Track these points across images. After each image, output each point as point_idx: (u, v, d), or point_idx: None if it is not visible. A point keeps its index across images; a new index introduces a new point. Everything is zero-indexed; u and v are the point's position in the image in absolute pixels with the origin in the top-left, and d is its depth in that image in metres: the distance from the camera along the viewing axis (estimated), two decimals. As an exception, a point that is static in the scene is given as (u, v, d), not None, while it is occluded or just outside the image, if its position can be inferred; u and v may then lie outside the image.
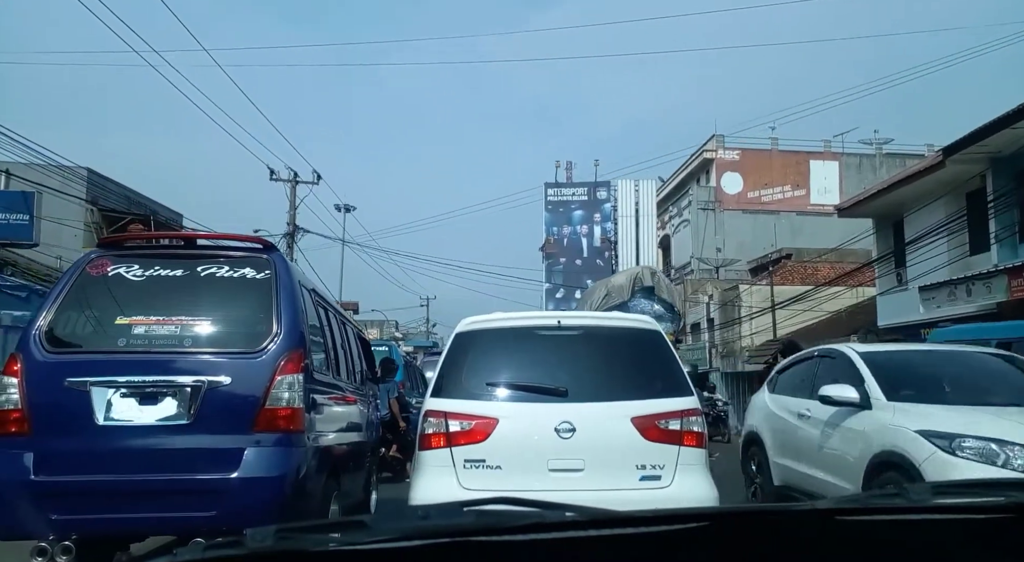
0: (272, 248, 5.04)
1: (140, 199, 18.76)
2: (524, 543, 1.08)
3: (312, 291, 5.56)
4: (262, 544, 1.07)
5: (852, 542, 1.19)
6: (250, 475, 4.31)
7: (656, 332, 4.92)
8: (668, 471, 4.35)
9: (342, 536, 1.10)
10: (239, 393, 4.43)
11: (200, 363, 4.48)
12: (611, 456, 4.38)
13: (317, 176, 23.42)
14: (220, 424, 4.38)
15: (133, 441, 4.34)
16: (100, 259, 4.83)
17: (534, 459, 4.35)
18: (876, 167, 36.40)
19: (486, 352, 4.78)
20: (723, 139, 37.35)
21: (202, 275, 4.79)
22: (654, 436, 4.37)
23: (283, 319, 4.64)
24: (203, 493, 4.29)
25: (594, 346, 4.86)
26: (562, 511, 1.24)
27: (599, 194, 40.20)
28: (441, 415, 4.46)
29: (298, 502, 4.49)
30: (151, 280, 4.75)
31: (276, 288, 4.73)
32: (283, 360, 4.51)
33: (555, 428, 4.33)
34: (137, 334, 4.54)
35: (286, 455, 4.44)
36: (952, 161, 14.76)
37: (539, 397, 4.48)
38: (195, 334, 4.58)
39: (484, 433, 4.39)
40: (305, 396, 4.58)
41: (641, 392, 4.59)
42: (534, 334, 4.87)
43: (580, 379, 4.61)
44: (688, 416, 4.46)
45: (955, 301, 15.13)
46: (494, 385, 4.60)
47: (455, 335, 4.90)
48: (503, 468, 4.34)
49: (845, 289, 24.81)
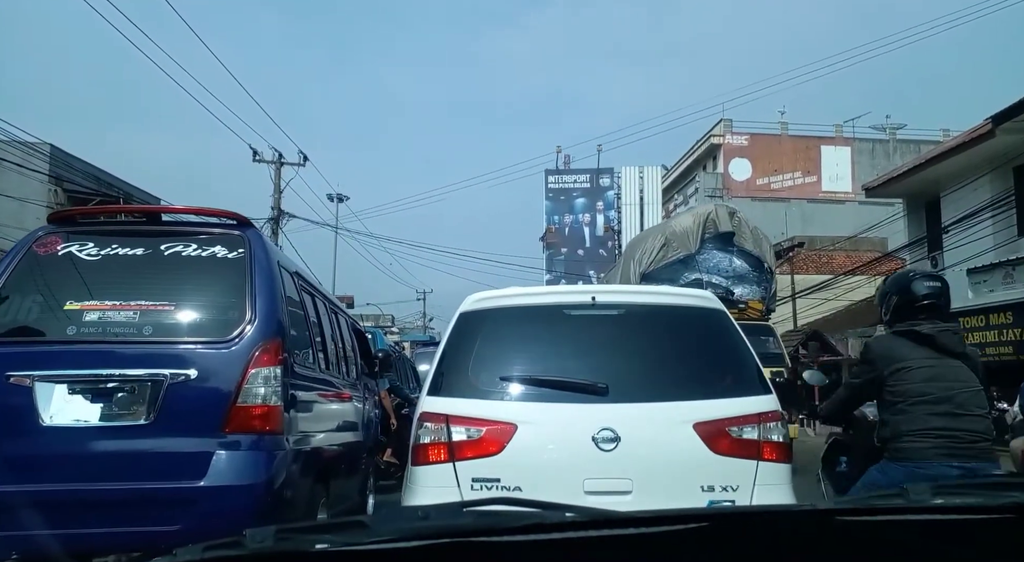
0: (247, 224, 4.46)
1: (111, 180, 17.91)
2: (524, 543, 1.09)
3: (295, 274, 4.99)
4: (262, 544, 1.08)
5: (852, 542, 1.20)
6: (219, 483, 3.83)
7: (720, 311, 3.93)
8: (743, 494, 3.40)
9: (342, 536, 1.11)
10: (207, 388, 3.94)
11: (162, 354, 3.97)
12: (668, 475, 3.46)
13: (304, 157, 22.54)
14: (185, 424, 3.89)
15: (84, 444, 3.85)
16: (49, 236, 4.27)
17: (565, 479, 3.39)
18: (890, 153, 35.76)
19: (500, 337, 3.81)
20: (731, 123, 36.68)
21: (166, 254, 4.25)
22: (724, 448, 3.44)
23: (258, 304, 4.10)
24: (165, 504, 3.81)
25: (640, 330, 3.90)
26: (562, 511, 1.24)
27: (602, 181, 39.42)
28: (441, 419, 3.48)
29: (276, 512, 3.98)
30: (108, 260, 4.21)
31: (251, 269, 4.19)
32: (258, 350, 3.99)
33: (592, 437, 3.38)
34: (90, 321, 4.01)
35: (261, 459, 3.96)
36: (1003, 130, 13.90)
37: (570, 396, 3.53)
38: (157, 321, 4.04)
39: (498, 444, 3.43)
40: (284, 392, 4.09)
41: (704, 390, 3.67)
42: (561, 314, 3.90)
43: (623, 373, 3.67)
44: (767, 421, 3.51)
45: (1012, 284, 14.14)
46: (510, 380, 3.63)
47: (459, 315, 3.88)
48: (523, 490, 3.36)
49: (864, 279, 24.11)
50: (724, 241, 12.73)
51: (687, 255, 12.47)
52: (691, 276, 12.40)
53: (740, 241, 12.77)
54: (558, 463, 3.48)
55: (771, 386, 3.70)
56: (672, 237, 12.73)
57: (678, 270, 12.56)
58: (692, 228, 12.64)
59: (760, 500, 3.38)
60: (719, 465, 3.42)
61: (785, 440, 3.57)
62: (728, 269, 12.75)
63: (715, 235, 12.65)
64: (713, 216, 12.86)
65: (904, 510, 1.27)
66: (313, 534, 1.14)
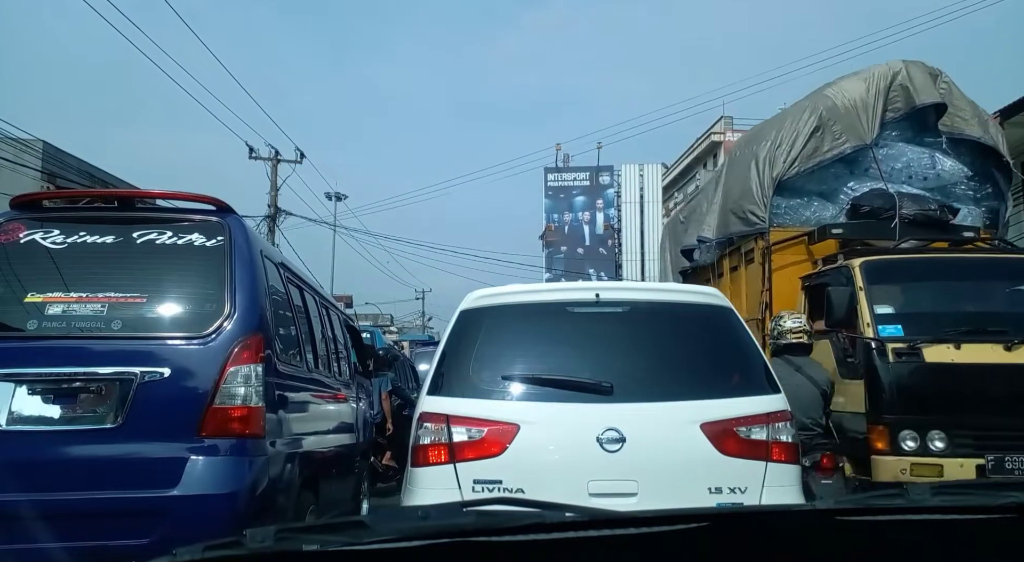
0: (227, 210, 4.12)
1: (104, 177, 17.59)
2: (524, 543, 1.09)
3: (280, 265, 4.66)
4: (262, 544, 1.08)
5: (852, 542, 1.20)
6: (194, 492, 3.53)
7: (727, 309, 3.88)
8: (752, 495, 3.37)
9: (342, 536, 1.10)
10: (181, 388, 3.64)
11: (132, 351, 3.66)
12: (675, 476, 3.41)
13: (300, 154, 22.35)
14: (156, 428, 3.59)
15: (45, 450, 3.54)
16: (12, 223, 3.94)
17: (569, 480, 3.36)
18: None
19: (501, 335, 3.76)
20: (731, 121, 36.31)
21: (139, 242, 3.92)
22: (733, 449, 3.41)
23: (238, 296, 3.79)
24: (135, 515, 3.50)
25: (646, 327, 3.86)
26: (562, 511, 1.24)
27: (602, 179, 39.05)
28: (441, 420, 3.44)
29: (258, 521, 3.62)
30: (75, 248, 3.88)
31: (231, 258, 3.87)
32: (237, 347, 3.68)
33: (597, 438, 3.34)
34: (53, 315, 3.70)
35: (241, 465, 3.66)
36: (1011, 124, 13.40)
37: (574, 395, 3.49)
38: (127, 315, 3.73)
39: (500, 444, 3.38)
40: (266, 392, 3.78)
41: (711, 389, 3.63)
42: (565, 312, 3.86)
43: (629, 371, 3.64)
44: (776, 421, 3.48)
45: None
46: (512, 379, 3.59)
47: (460, 313, 3.85)
48: (526, 492, 3.31)
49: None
50: (921, 122, 7.79)
51: (857, 147, 7.56)
52: (862, 185, 7.73)
53: (955, 122, 7.70)
54: (562, 464, 3.44)
55: (779, 385, 3.65)
56: (831, 116, 7.62)
57: (840, 175, 7.87)
58: (867, 100, 7.61)
59: (770, 501, 3.33)
60: (727, 466, 3.39)
61: (794, 440, 3.54)
62: (931, 171, 7.79)
63: (907, 112, 7.66)
64: (904, 79, 7.65)
65: (904, 510, 1.27)
66: (313, 534, 1.15)
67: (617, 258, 37.81)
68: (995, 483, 1.15)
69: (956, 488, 1.50)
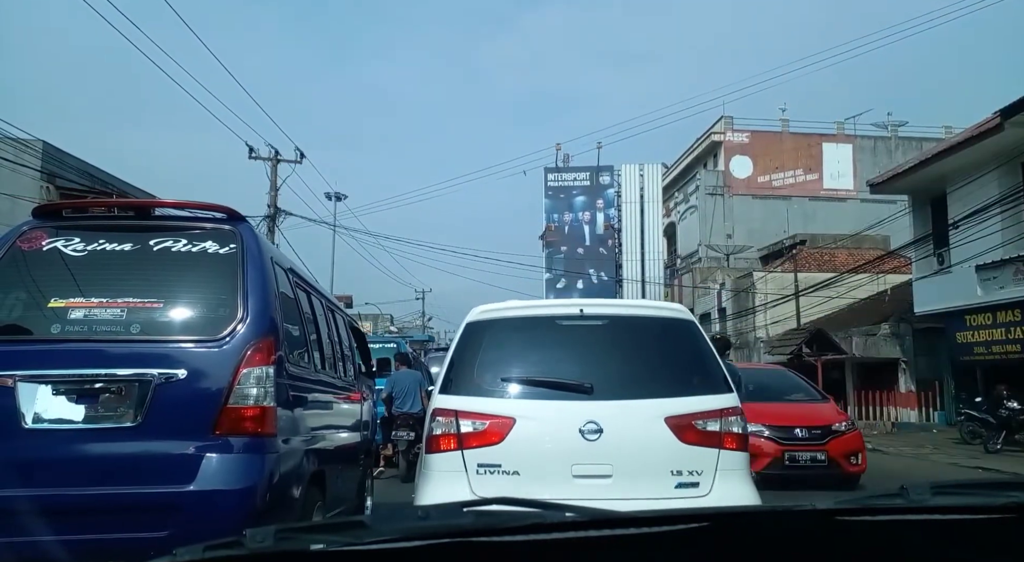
0: (239, 218, 4.30)
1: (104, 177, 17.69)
2: (524, 543, 1.09)
3: (289, 271, 4.83)
4: (262, 544, 1.08)
5: (852, 542, 1.20)
6: (209, 487, 3.68)
7: (690, 322, 4.52)
8: (707, 477, 3.99)
9: (342, 536, 1.11)
10: (196, 389, 3.79)
11: (150, 354, 3.81)
12: (643, 461, 4.02)
13: (300, 154, 22.37)
14: (173, 426, 3.74)
15: (68, 447, 3.69)
16: (34, 231, 4.11)
17: (556, 464, 3.98)
18: (891, 150, 35.59)
19: (501, 344, 4.35)
20: (732, 121, 36.47)
21: (155, 250, 4.09)
22: (691, 438, 4.01)
23: (250, 301, 3.95)
24: (152, 510, 3.65)
25: (622, 337, 4.46)
26: (562, 511, 1.24)
27: (602, 179, 39.12)
28: (451, 414, 4.06)
29: (269, 517, 3.83)
30: (94, 255, 4.06)
31: (243, 265, 4.05)
32: (250, 349, 3.84)
33: (579, 429, 3.94)
34: (75, 319, 3.85)
35: (253, 462, 3.81)
36: (1012, 124, 13.68)
37: (561, 394, 4.07)
38: (145, 319, 3.89)
39: (499, 434, 3.98)
40: (277, 392, 3.95)
41: (675, 389, 4.21)
42: (554, 324, 4.48)
43: (607, 374, 4.22)
44: (728, 416, 4.10)
45: (1023, 281, 13.95)
46: (510, 380, 4.19)
47: (465, 325, 4.47)
48: (521, 474, 3.95)
49: (866, 277, 23.88)
50: None
51: None
52: None
53: None
54: (550, 451, 4.02)
55: (733, 386, 4.25)
56: None
57: None
58: None
59: (721, 483, 3.98)
60: (686, 453, 3.98)
61: (743, 432, 4.13)
62: None
63: None
64: None
65: (904, 510, 1.28)
66: (313, 534, 1.15)
67: (617, 258, 37.91)
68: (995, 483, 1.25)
69: (956, 488, 1.53)
